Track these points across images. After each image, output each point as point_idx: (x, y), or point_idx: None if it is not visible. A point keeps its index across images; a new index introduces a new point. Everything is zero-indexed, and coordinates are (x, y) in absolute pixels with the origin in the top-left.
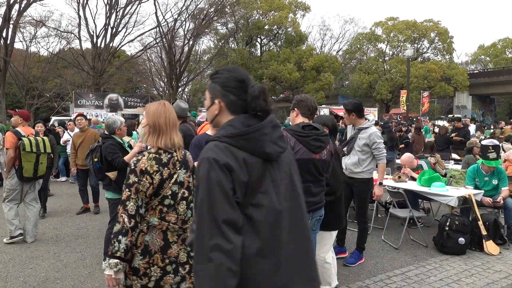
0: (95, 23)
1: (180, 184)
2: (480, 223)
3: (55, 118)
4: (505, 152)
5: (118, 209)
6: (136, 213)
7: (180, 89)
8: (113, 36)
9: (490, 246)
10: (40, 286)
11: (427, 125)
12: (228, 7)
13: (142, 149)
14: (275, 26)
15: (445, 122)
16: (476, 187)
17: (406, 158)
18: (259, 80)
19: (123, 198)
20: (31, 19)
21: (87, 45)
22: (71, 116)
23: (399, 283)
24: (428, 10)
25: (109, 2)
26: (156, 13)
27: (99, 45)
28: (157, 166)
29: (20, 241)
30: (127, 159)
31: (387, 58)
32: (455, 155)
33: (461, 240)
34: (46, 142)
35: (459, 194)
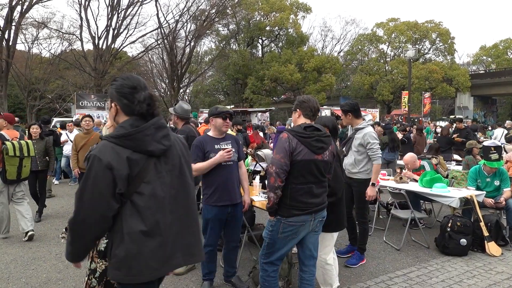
0: (96, 24)
1: None
2: (482, 224)
3: (57, 120)
4: (507, 153)
5: None
6: None
7: (181, 90)
8: (114, 38)
9: (492, 247)
10: (42, 287)
11: (429, 126)
12: (230, 8)
13: None
14: (276, 27)
15: (444, 123)
16: (478, 188)
17: (409, 158)
18: (260, 81)
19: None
20: (33, 21)
21: (88, 46)
22: (73, 117)
23: (401, 284)
24: (430, 11)
25: (110, 3)
26: (157, 14)
27: (100, 46)
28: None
29: (20, 241)
30: None
31: (389, 59)
32: (456, 156)
33: (463, 241)
34: (30, 145)
35: (461, 195)
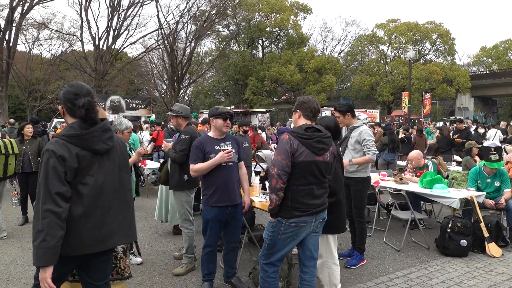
0: (97, 25)
1: None
2: (482, 225)
3: (57, 120)
4: (507, 154)
5: None
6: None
7: (182, 91)
8: (115, 38)
9: (492, 248)
10: None
11: (429, 127)
12: (230, 9)
13: (142, 154)
14: (277, 28)
15: (440, 124)
16: (478, 189)
17: (415, 155)
18: (260, 82)
19: None
20: (33, 22)
21: (89, 47)
22: None
23: (401, 285)
24: (430, 12)
25: (111, 4)
26: (158, 15)
27: (101, 47)
28: None
29: (20, 242)
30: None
31: (389, 60)
32: (457, 157)
33: (463, 242)
34: (14, 144)
35: (461, 196)
